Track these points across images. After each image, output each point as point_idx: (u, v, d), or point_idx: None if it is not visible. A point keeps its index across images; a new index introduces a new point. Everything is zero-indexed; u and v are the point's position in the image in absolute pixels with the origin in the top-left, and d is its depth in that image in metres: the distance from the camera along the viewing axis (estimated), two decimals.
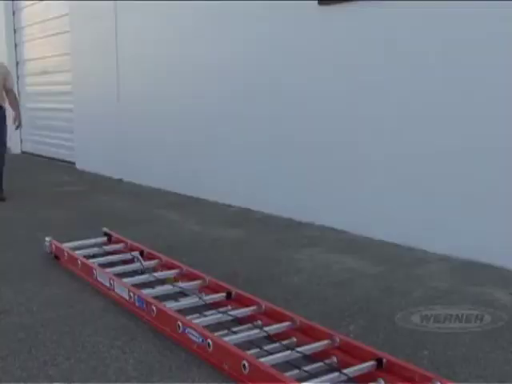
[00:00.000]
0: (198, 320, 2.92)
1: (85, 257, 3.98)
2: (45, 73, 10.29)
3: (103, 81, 8.26)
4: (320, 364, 2.53)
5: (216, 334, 2.73)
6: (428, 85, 4.22)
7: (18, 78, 11.50)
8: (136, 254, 3.99)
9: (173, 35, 6.67)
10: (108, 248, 4.30)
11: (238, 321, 2.99)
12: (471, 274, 3.83)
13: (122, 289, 3.33)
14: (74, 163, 9.23)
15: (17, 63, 11.45)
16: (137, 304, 3.18)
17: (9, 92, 6.64)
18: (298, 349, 2.61)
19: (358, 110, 4.73)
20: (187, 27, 6.44)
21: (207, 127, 6.35)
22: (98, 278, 3.61)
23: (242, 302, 3.16)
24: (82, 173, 8.70)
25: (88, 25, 8.42)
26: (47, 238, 4.33)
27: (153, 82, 7.15)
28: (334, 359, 2.57)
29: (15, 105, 6.73)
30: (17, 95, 7.05)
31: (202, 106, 6.38)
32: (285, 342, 2.73)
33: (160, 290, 3.42)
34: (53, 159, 10.19)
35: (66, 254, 4.08)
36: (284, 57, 5.33)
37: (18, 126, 6.85)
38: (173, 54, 6.76)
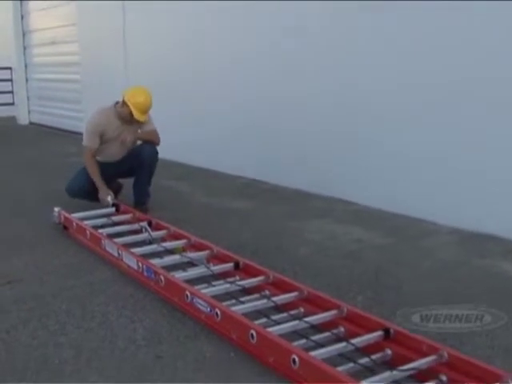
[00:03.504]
0: (206, 290, 2.93)
1: (93, 227, 3.99)
2: (53, 43, 10.22)
3: (110, 51, 8.20)
4: (327, 334, 2.54)
5: (224, 303, 2.75)
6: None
7: (24, 48, 11.43)
8: (144, 224, 4.00)
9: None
10: (116, 218, 4.31)
11: (246, 291, 3.00)
12: (480, 246, 3.81)
13: (131, 259, 3.35)
14: (81, 134, 9.17)
15: (23, 33, 11.36)
16: (145, 274, 3.19)
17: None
18: (306, 319, 2.62)
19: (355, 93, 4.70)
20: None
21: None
22: (107, 248, 3.62)
23: (250, 272, 3.16)
24: None
25: None
26: (56, 209, 4.34)
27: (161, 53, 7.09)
28: (342, 329, 2.57)
29: (145, 134, 4.74)
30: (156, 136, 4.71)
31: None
32: (292, 312, 2.74)
33: (168, 259, 3.43)
34: (60, 130, 10.16)
35: (74, 225, 4.09)
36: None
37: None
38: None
